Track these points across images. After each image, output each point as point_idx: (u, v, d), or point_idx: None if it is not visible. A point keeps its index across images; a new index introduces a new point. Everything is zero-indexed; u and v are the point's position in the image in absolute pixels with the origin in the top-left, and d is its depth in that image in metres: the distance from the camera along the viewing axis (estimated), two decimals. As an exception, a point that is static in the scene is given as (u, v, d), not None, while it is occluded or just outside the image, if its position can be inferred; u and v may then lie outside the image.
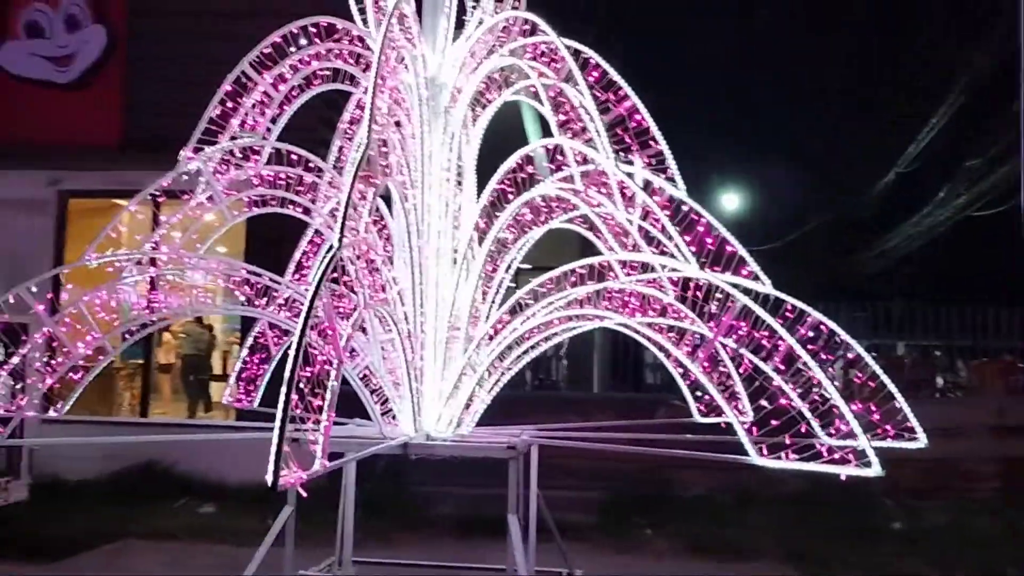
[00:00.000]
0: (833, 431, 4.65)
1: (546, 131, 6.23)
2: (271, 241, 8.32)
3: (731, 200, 29.33)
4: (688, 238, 5.46)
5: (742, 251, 5.40)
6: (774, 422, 4.74)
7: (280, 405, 3.25)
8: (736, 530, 9.68)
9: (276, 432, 3.16)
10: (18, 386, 5.83)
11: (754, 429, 4.78)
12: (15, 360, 5.18)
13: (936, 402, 12.74)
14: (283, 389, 3.29)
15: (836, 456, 4.37)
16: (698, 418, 6.18)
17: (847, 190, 22.87)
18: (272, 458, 3.11)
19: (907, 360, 12.92)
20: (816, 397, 4.78)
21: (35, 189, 12.10)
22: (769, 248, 27.25)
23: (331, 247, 4.37)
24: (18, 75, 12.19)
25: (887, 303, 14.61)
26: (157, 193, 5.72)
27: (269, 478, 3.12)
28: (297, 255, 6.72)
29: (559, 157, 6.02)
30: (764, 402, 4.94)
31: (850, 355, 5.37)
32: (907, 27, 18.30)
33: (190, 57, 11.26)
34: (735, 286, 4.90)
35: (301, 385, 3.62)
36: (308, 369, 3.71)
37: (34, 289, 5.01)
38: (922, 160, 18.76)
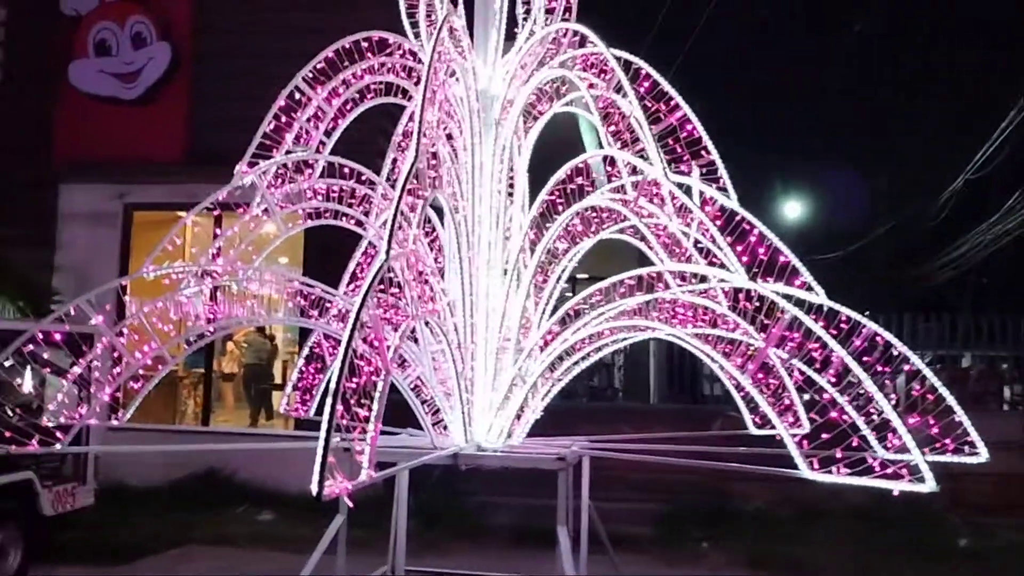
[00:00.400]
0: (888, 445, 4.54)
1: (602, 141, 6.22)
2: (329, 251, 8.43)
3: (793, 208, 28.99)
4: (740, 248, 5.40)
5: (795, 261, 5.31)
6: (825, 435, 4.65)
7: (325, 415, 3.30)
8: (795, 545, 9.51)
9: (321, 442, 3.20)
10: (82, 394, 6.01)
11: (805, 442, 4.69)
12: (77, 369, 5.32)
13: (1004, 415, 12.36)
14: (328, 400, 3.34)
15: (889, 471, 4.26)
16: (753, 430, 6.10)
17: (914, 198, 22.42)
18: (316, 468, 3.16)
19: (972, 372, 12.54)
20: (872, 410, 4.67)
21: (102, 203, 12.46)
22: (833, 257, 26.84)
23: (381, 259, 4.41)
24: (87, 92, 12.59)
25: (954, 313, 14.25)
26: (212, 207, 5.85)
27: (313, 488, 3.17)
28: (351, 266, 6.80)
29: (611, 167, 6.02)
30: (816, 415, 4.85)
31: (907, 367, 5.25)
32: (973, 33, 17.89)
33: (252, 72, 11.48)
34: (786, 296, 4.82)
35: (348, 395, 3.67)
36: (355, 380, 3.76)
37: (94, 300, 5.15)
38: (991, 167, 18.27)
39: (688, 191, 5.53)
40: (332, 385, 3.39)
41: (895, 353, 5.15)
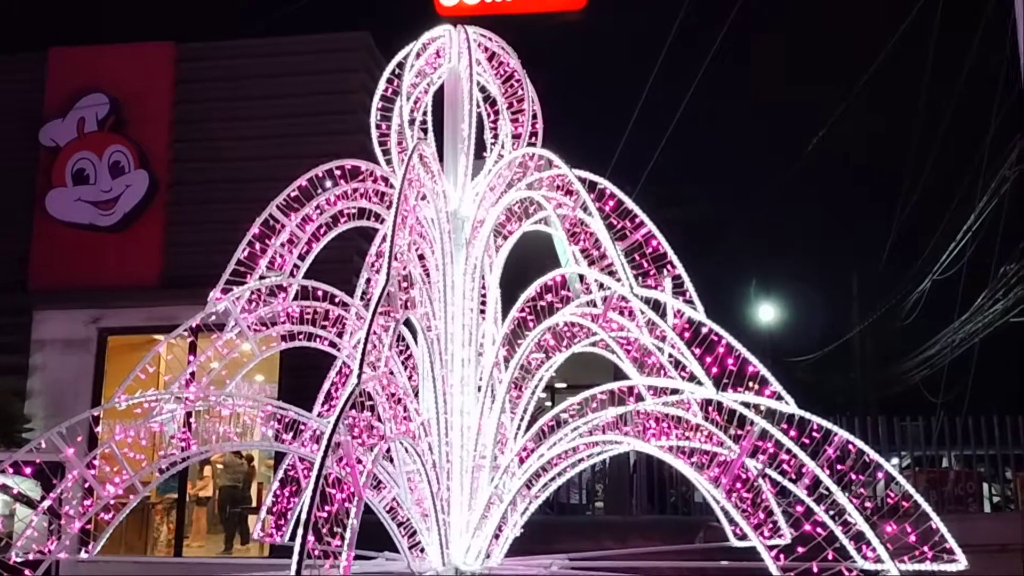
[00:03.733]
0: (866, 555, 4.53)
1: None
2: (304, 371, 8.44)
3: (767, 312, 29.35)
4: (710, 359, 5.47)
5: (763, 371, 5.39)
6: (801, 548, 4.64)
7: (296, 546, 3.27)
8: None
9: (292, 574, 3.17)
10: (51, 527, 5.90)
11: (783, 555, 4.67)
12: (47, 502, 5.25)
13: (986, 516, 12.28)
14: (299, 531, 3.32)
15: (867, 583, 4.25)
16: (735, 542, 6.06)
17: (886, 299, 22.79)
18: (288, 602, 3.12)
19: (951, 474, 12.51)
20: (849, 518, 4.68)
21: (76, 328, 12.41)
22: (809, 359, 27.05)
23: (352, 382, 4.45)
24: (64, 220, 12.68)
25: (933, 413, 14.30)
26: (185, 334, 5.89)
27: (285, 622, 3.12)
28: (326, 385, 6.80)
29: (584, 282, 6.15)
30: (792, 527, 4.85)
31: (881, 473, 5.28)
32: (938, 134, 18.52)
33: (228, 198, 11.68)
34: (755, 406, 4.88)
35: (320, 524, 3.65)
36: (327, 508, 3.74)
37: (65, 432, 5.12)
38: (958, 266, 18.61)
39: (656, 305, 5.64)
40: (303, 515, 3.38)
41: (869, 459, 5.19)
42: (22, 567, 5.07)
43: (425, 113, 6.89)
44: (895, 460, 12.69)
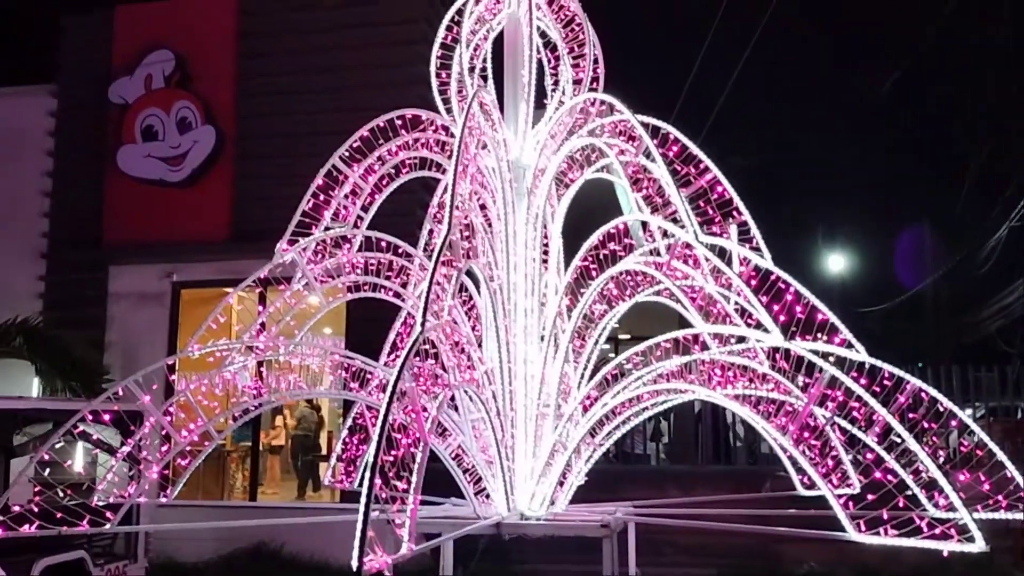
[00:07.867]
0: (937, 504, 4.45)
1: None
2: (370, 322, 8.52)
3: (837, 262, 28.77)
4: (777, 307, 5.38)
5: (833, 318, 5.29)
6: (871, 496, 4.57)
7: (364, 489, 3.34)
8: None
9: (360, 517, 3.23)
10: (131, 472, 6.12)
11: (851, 503, 4.61)
12: (126, 448, 5.43)
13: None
14: (367, 474, 3.38)
15: (938, 531, 4.17)
16: (802, 491, 6.00)
17: (961, 247, 22.17)
18: (356, 543, 3.18)
19: (1026, 423, 12.20)
20: (921, 467, 4.59)
21: (150, 282, 12.76)
22: (881, 309, 26.48)
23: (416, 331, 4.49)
24: (135, 176, 12.98)
25: (1009, 363, 13.92)
26: (256, 283, 6.00)
27: (354, 563, 3.19)
28: (391, 336, 6.88)
29: (646, 231, 6.08)
30: (863, 475, 4.78)
31: (955, 422, 5.16)
32: (1011, 79, 17.82)
33: (293, 152, 11.79)
34: (825, 355, 4.79)
35: (387, 468, 3.71)
36: (393, 452, 3.80)
37: (141, 380, 5.27)
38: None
39: (722, 252, 5.54)
40: (369, 459, 3.44)
41: (942, 408, 5.07)
42: (105, 509, 5.26)
43: (485, 60, 6.82)
44: (969, 411, 12.41)
